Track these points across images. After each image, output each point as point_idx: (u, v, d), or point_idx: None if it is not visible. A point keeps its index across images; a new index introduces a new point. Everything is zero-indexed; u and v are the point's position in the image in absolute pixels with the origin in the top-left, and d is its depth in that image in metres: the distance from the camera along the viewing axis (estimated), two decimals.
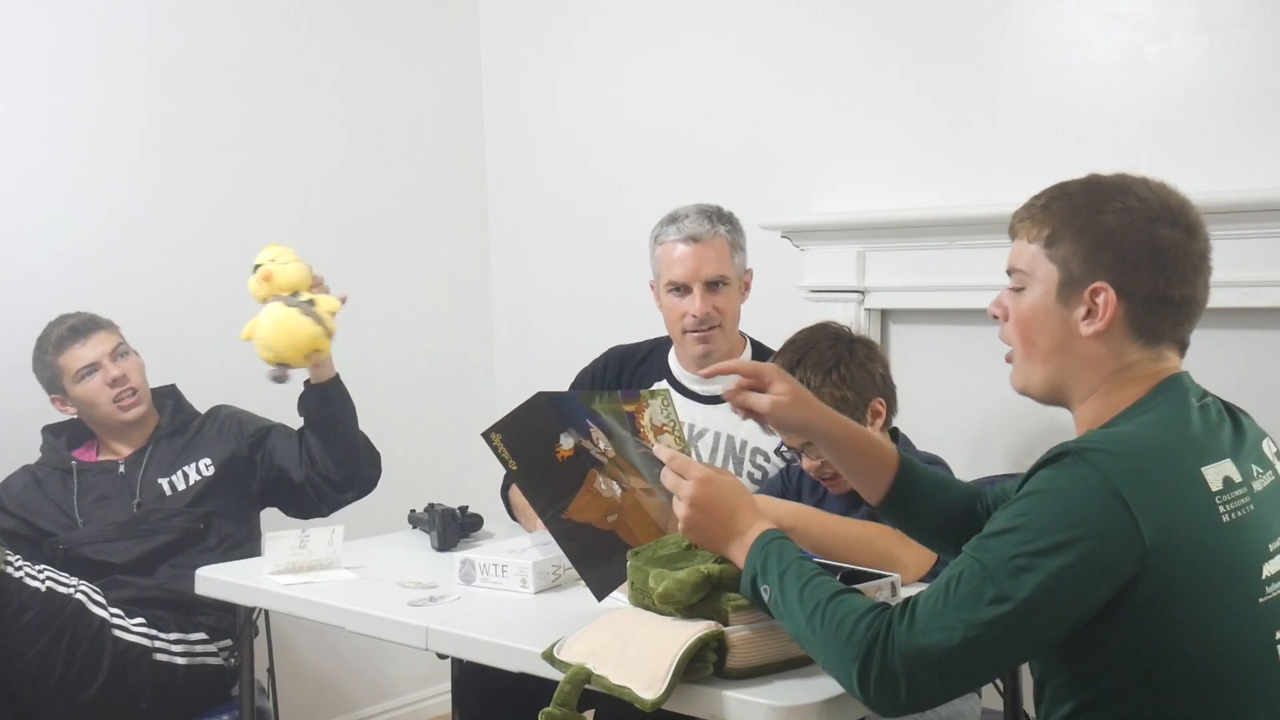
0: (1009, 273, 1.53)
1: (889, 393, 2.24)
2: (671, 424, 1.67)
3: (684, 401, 2.50)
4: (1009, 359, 1.55)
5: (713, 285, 2.42)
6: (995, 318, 1.56)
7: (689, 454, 1.66)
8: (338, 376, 2.66)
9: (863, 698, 1.39)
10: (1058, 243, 1.46)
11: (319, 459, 2.63)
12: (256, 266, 2.46)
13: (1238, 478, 1.40)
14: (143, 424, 2.72)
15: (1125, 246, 1.43)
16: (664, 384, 2.51)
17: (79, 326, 2.65)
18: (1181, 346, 1.50)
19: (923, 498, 1.75)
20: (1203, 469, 1.38)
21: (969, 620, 1.32)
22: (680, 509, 1.61)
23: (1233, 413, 1.52)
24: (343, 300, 2.51)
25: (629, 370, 2.61)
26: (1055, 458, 1.36)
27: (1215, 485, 1.37)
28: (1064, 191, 1.50)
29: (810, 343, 2.20)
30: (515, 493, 2.55)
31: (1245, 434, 1.49)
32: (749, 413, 1.70)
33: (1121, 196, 1.45)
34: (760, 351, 2.54)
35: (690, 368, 2.51)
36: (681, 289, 2.43)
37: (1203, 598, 1.34)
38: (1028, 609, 1.31)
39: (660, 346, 2.62)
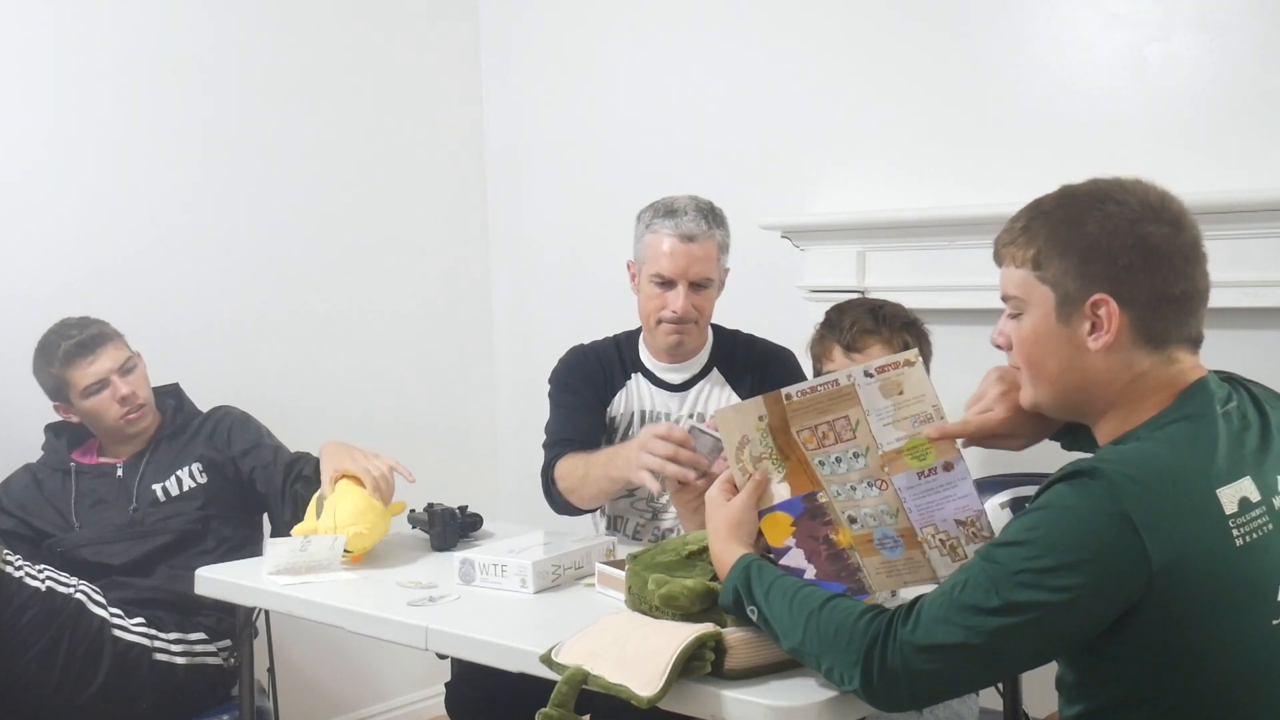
0: (1004, 299, 1.52)
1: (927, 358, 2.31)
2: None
3: (655, 390, 2.56)
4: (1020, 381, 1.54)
5: (697, 285, 2.45)
6: (1000, 347, 1.54)
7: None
8: None
9: (866, 696, 1.40)
10: (1046, 263, 1.44)
11: None
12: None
13: (1256, 497, 1.37)
14: (145, 429, 2.72)
15: (1115, 253, 1.41)
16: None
17: (86, 342, 2.61)
18: (1194, 343, 1.46)
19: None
20: (1218, 491, 1.35)
21: (971, 626, 1.33)
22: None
23: (1262, 411, 1.47)
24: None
25: (606, 366, 2.58)
26: (1070, 475, 1.36)
27: (1230, 508, 1.35)
28: (1040, 210, 1.48)
29: (883, 302, 2.32)
30: (565, 466, 2.43)
31: (1272, 439, 1.45)
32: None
33: (1099, 204, 1.43)
34: (721, 336, 2.60)
35: (660, 357, 2.55)
36: (667, 283, 2.46)
37: (1212, 621, 1.32)
38: (1029, 623, 1.32)
39: (626, 342, 2.63)
